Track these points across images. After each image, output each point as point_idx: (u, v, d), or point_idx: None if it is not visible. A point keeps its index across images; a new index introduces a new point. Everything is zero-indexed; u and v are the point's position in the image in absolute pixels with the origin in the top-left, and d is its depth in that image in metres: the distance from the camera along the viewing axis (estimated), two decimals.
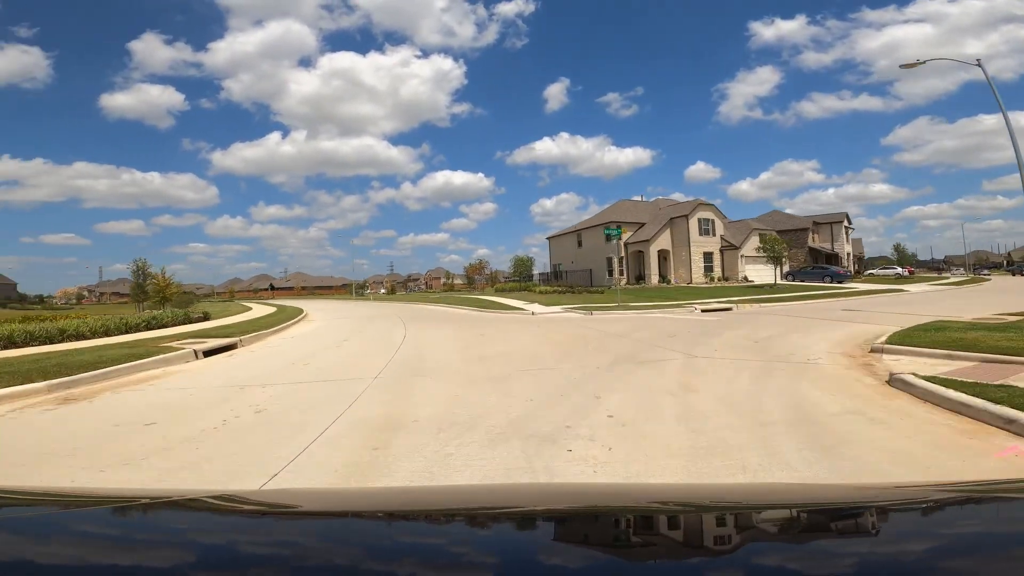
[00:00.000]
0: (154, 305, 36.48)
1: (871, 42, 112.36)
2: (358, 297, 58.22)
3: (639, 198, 49.83)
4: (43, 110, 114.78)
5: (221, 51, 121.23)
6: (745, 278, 38.93)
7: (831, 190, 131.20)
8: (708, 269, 39.42)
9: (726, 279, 38.71)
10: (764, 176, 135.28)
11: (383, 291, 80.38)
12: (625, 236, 40.24)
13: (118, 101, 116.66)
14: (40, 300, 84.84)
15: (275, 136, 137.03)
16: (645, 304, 21.60)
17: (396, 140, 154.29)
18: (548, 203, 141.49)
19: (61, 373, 6.67)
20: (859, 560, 0.64)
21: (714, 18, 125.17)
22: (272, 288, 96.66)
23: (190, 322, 16.75)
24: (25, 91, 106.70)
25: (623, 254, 40.66)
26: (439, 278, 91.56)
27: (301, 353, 9.57)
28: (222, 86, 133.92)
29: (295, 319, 19.18)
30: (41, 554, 0.69)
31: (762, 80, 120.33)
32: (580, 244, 45.12)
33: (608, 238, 22.62)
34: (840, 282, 35.32)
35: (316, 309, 29.74)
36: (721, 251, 40.24)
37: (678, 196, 50.09)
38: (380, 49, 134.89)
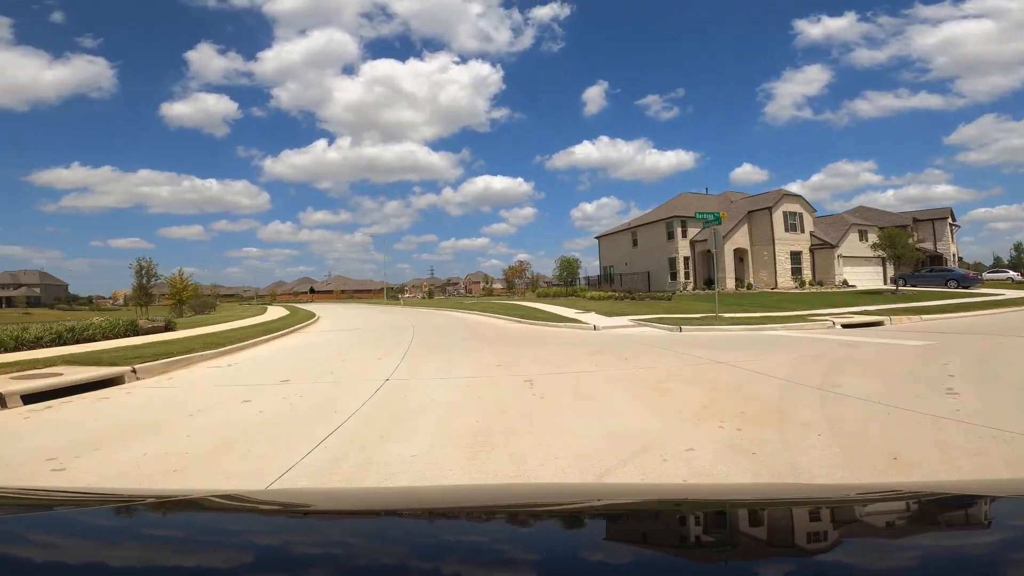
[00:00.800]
0: (171, 308, 33.92)
1: (928, 39, 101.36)
2: (390, 301, 54.61)
3: (704, 191, 43.64)
4: (110, 119, 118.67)
5: (269, 60, 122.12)
6: (845, 282, 32.14)
7: (890, 191, 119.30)
8: (796, 271, 32.87)
9: (819, 283, 32.03)
10: (816, 178, 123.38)
11: (420, 295, 77.20)
12: (693, 233, 34.34)
13: (177, 110, 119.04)
14: (89, 301, 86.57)
15: (321, 143, 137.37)
16: (746, 316, 16.00)
17: (437, 146, 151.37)
18: (588, 207, 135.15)
19: None
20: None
21: (756, 17, 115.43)
22: (312, 291, 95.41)
23: (137, 334, 12.60)
24: (93, 100, 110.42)
25: (689, 254, 34.74)
26: (478, 282, 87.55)
27: (155, 417, 4.71)
28: (271, 94, 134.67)
29: (284, 331, 14.93)
30: (52, 553, 0.66)
31: (810, 79, 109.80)
32: (635, 243, 39.47)
33: (706, 223, 17.27)
34: (967, 287, 28.34)
35: (333, 315, 25.70)
36: (811, 250, 33.56)
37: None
38: (419, 56, 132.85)
